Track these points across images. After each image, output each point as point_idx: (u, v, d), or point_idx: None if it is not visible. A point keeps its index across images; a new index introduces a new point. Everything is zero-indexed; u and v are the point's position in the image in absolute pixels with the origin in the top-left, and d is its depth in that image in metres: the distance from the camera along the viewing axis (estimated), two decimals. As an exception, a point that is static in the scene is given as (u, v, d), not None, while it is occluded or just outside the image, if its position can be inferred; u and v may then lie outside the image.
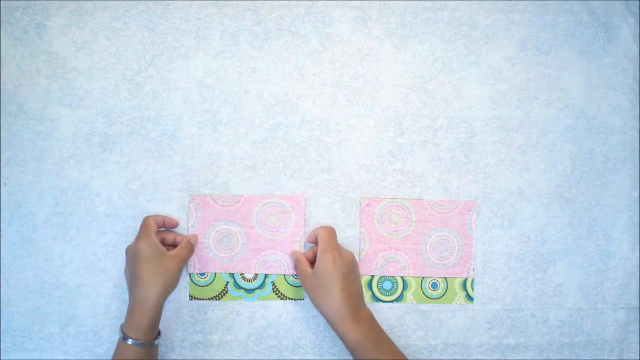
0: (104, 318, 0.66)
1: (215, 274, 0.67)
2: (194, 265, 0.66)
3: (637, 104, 0.68)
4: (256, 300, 0.67)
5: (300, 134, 0.67)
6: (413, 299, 0.68)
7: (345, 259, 0.61)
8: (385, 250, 0.67)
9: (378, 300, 0.67)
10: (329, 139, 0.67)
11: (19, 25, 0.65)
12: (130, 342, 0.58)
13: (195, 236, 0.66)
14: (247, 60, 0.66)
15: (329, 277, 0.59)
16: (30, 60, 0.65)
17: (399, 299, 0.68)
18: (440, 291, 0.68)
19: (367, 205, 0.67)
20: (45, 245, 0.66)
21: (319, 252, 0.61)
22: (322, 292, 0.60)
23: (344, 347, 0.61)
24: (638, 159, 0.68)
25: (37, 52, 0.65)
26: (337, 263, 0.60)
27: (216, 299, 0.67)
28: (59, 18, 0.66)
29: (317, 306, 0.61)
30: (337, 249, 0.62)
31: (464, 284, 0.68)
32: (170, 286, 0.60)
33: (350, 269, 0.61)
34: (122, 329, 0.59)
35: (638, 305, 0.68)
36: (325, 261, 0.60)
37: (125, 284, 0.64)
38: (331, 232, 0.64)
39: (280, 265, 0.67)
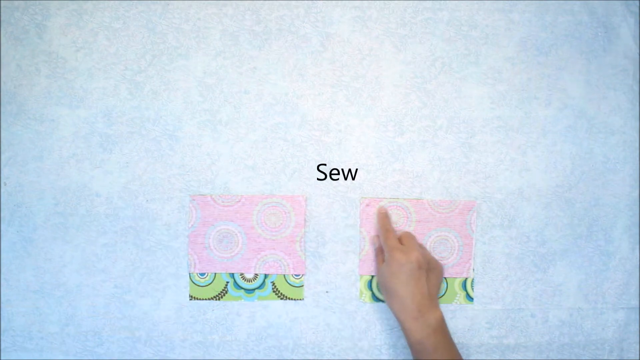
0: (104, 318, 0.66)
1: (215, 274, 0.67)
2: (194, 265, 0.66)
3: (637, 104, 0.68)
4: (256, 300, 0.67)
5: (300, 134, 0.67)
6: (413, 299, 0.67)
7: (411, 259, 0.60)
8: (385, 250, 0.67)
9: (378, 300, 0.67)
10: (329, 139, 0.67)
11: (19, 25, 0.65)
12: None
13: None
14: (247, 60, 0.66)
15: (393, 277, 0.60)
16: (30, 60, 0.65)
17: (399, 299, 0.68)
18: (440, 291, 0.68)
19: (367, 205, 0.67)
20: (45, 245, 0.66)
21: (387, 251, 0.62)
22: (387, 289, 0.61)
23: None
24: (638, 159, 0.68)
25: (37, 52, 0.65)
26: (401, 263, 0.59)
27: (216, 299, 0.67)
28: (59, 18, 0.66)
29: (385, 300, 0.62)
30: (404, 250, 0.61)
31: (464, 284, 0.68)
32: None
33: (414, 270, 0.59)
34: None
35: (638, 305, 0.68)
36: (390, 260, 0.60)
37: (125, 284, 0.64)
38: (405, 234, 0.64)
39: (280, 265, 0.67)
